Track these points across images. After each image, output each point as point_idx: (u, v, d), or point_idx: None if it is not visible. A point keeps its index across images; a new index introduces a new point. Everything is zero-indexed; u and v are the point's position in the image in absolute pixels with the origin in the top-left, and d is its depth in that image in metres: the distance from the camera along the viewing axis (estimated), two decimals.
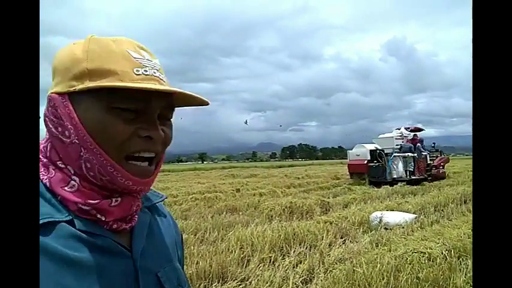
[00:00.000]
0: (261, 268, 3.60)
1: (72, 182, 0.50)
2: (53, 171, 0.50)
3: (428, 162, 13.95)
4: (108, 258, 0.50)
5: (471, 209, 6.90)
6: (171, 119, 0.56)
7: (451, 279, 3.14)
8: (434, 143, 16.58)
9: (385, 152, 12.78)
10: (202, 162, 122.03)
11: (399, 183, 11.43)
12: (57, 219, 0.47)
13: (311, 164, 46.62)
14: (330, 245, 4.50)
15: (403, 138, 14.38)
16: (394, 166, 12.50)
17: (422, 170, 13.32)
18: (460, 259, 3.65)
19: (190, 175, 22.08)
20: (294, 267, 3.72)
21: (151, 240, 0.59)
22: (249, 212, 7.12)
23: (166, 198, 0.69)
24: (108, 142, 0.48)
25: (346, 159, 14.64)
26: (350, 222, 5.55)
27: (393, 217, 5.82)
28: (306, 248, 4.30)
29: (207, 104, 0.56)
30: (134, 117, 0.49)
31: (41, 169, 0.50)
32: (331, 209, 7.30)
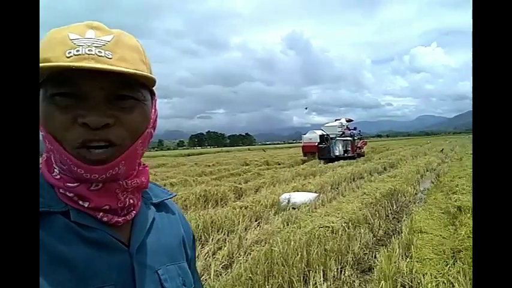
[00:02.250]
0: None
1: (56, 170, 0.50)
2: (45, 162, 0.52)
3: (355, 144, 19.94)
4: (102, 252, 0.49)
5: (359, 186, 8.05)
6: (146, 101, 0.52)
7: (350, 247, 3.67)
8: (360, 130, 22.12)
9: (330, 136, 17.87)
10: None
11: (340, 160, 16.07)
12: (52, 210, 0.48)
13: (220, 152, 47.15)
14: (246, 229, 4.70)
15: (342, 127, 19.44)
16: (336, 147, 17.94)
17: (353, 150, 19.28)
18: (356, 229, 4.28)
19: None
20: (213, 255, 3.77)
21: (154, 237, 0.57)
22: None
23: (175, 195, 0.68)
24: (53, 132, 0.47)
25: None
26: (263, 205, 5.89)
27: (299, 197, 6.42)
28: (224, 234, 4.40)
29: (152, 80, 0.51)
30: (73, 104, 0.46)
31: (41, 161, 0.52)
32: (244, 194, 7.59)
